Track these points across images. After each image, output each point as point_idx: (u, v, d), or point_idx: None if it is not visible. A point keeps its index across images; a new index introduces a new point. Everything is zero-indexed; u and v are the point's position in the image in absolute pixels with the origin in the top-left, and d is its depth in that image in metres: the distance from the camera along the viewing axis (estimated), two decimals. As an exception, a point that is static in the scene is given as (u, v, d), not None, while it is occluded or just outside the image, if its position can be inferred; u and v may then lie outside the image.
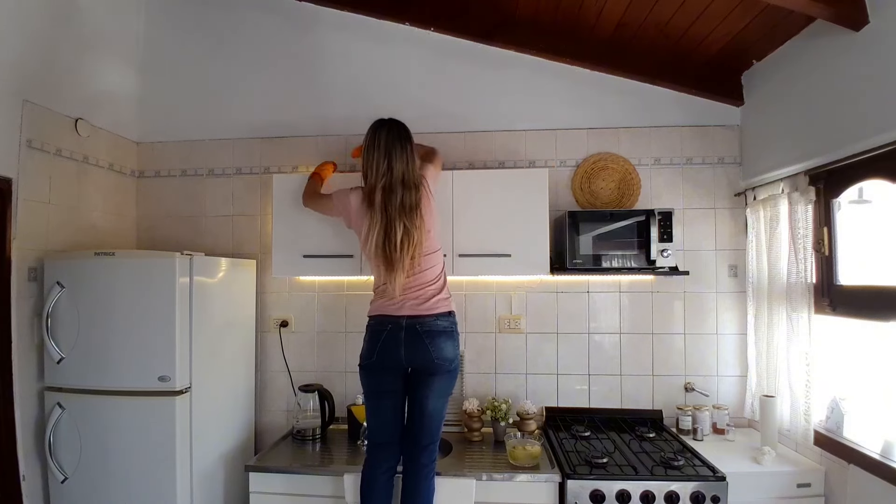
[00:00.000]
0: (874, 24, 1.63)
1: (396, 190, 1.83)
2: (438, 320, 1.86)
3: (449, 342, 1.86)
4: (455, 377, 1.92)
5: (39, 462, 2.01)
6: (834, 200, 1.96)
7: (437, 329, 1.85)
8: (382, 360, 1.85)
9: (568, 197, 2.50)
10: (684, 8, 2.03)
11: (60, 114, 2.19)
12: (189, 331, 1.98)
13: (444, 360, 1.84)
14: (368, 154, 1.90)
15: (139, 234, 2.68)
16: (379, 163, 1.86)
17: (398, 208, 1.81)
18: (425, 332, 1.83)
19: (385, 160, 1.86)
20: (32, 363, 2.01)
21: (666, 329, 2.45)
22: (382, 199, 1.83)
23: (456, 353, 1.89)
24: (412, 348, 1.83)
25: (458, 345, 1.91)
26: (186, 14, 2.70)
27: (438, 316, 1.86)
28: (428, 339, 1.83)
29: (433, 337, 1.83)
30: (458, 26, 2.49)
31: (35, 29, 2.07)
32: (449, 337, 1.87)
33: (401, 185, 1.84)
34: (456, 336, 1.91)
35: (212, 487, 2.12)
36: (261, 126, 2.64)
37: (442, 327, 1.86)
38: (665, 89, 2.47)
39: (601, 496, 1.81)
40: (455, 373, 1.91)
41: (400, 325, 1.83)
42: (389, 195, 1.83)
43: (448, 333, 1.87)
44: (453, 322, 1.91)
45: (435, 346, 1.83)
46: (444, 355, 1.84)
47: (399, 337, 1.83)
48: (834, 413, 1.91)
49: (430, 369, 1.84)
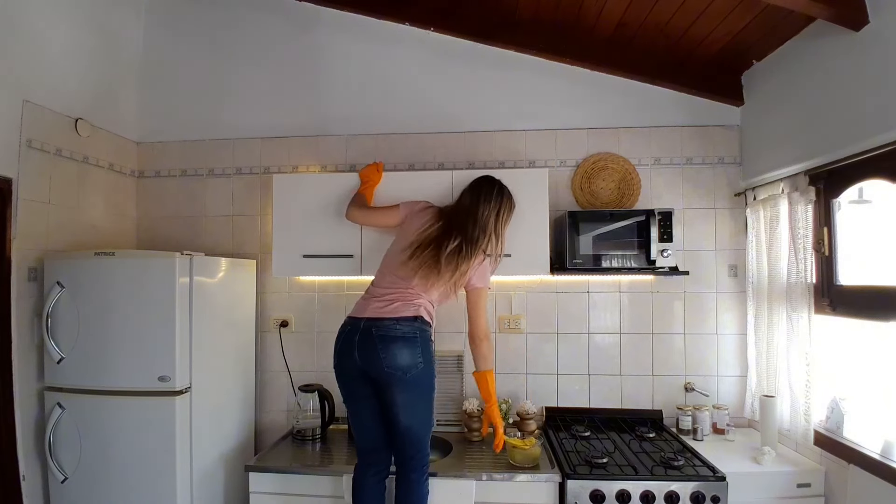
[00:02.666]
0: (874, 24, 1.63)
1: (478, 234, 1.84)
2: (398, 324, 1.73)
3: (406, 349, 1.71)
4: (421, 388, 1.76)
5: (39, 462, 2.01)
6: (834, 200, 1.96)
7: (393, 334, 1.71)
8: (341, 365, 1.79)
9: (568, 197, 2.50)
10: (684, 8, 2.03)
11: (60, 114, 2.19)
12: (189, 331, 1.98)
13: (395, 369, 1.69)
14: (478, 199, 1.90)
15: (139, 234, 2.68)
16: (480, 211, 1.88)
17: (470, 237, 1.82)
18: (379, 336, 1.71)
19: (484, 216, 1.88)
20: (32, 363, 2.01)
21: (666, 329, 2.45)
22: (460, 222, 1.85)
23: (416, 362, 1.72)
24: (364, 353, 1.72)
25: (420, 353, 1.73)
26: (187, 14, 2.70)
27: (399, 320, 1.74)
28: (381, 345, 1.70)
29: (387, 342, 1.70)
30: (458, 26, 2.49)
31: (35, 29, 2.07)
32: (407, 343, 1.71)
33: (482, 233, 1.85)
34: (418, 343, 1.73)
35: (212, 487, 2.12)
36: (261, 126, 2.64)
37: (400, 332, 1.72)
38: (665, 89, 2.47)
39: (601, 496, 1.81)
40: (418, 383, 1.74)
41: (357, 327, 1.75)
42: (467, 226, 1.84)
43: (407, 339, 1.72)
44: (419, 329, 1.75)
45: (386, 353, 1.69)
46: (396, 363, 1.69)
47: (353, 340, 1.74)
48: (834, 413, 1.91)
49: (383, 379, 1.71)
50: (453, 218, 1.88)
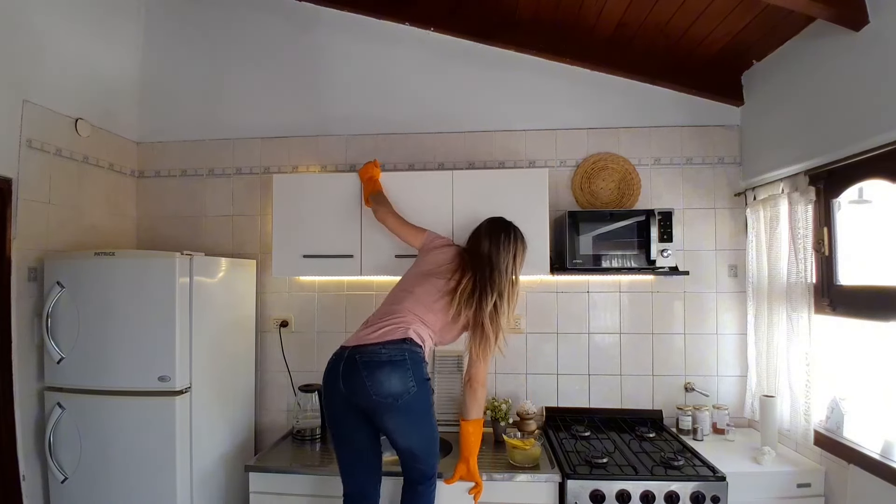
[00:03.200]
0: (874, 24, 1.63)
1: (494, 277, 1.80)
2: (383, 348, 1.62)
3: (394, 374, 1.59)
4: (416, 413, 1.64)
5: (39, 462, 2.01)
6: (834, 200, 1.96)
7: (378, 359, 1.60)
8: (327, 398, 1.70)
9: (568, 197, 2.50)
10: (684, 8, 2.03)
11: (60, 114, 2.19)
12: (189, 331, 1.98)
13: (383, 396, 1.58)
14: (498, 247, 1.85)
15: (139, 234, 2.68)
16: (500, 260, 1.83)
17: (491, 282, 1.78)
18: (363, 362, 1.61)
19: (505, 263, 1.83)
20: (32, 363, 2.02)
21: (666, 329, 2.45)
22: (482, 270, 1.80)
23: (407, 387, 1.60)
24: (349, 381, 1.62)
25: (412, 376, 1.61)
26: (187, 14, 2.70)
27: (385, 344, 1.63)
28: (365, 371, 1.59)
29: (372, 368, 1.59)
30: (458, 26, 2.49)
31: (35, 29, 2.07)
32: (395, 368, 1.60)
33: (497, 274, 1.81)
34: (408, 365, 1.61)
35: (212, 487, 2.12)
36: (261, 126, 2.64)
37: (386, 356, 1.60)
38: (665, 89, 2.47)
39: (601, 496, 1.81)
40: (411, 409, 1.62)
41: (341, 357, 1.66)
42: (485, 269, 1.80)
43: (394, 364, 1.60)
44: (407, 350, 1.63)
45: (372, 380, 1.58)
46: (384, 390, 1.58)
47: (338, 369, 1.65)
48: (834, 413, 1.91)
49: (371, 407, 1.61)
50: (474, 266, 1.82)
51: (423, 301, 1.77)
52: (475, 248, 1.88)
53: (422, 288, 1.80)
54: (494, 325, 1.77)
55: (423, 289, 1.80)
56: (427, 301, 1.77)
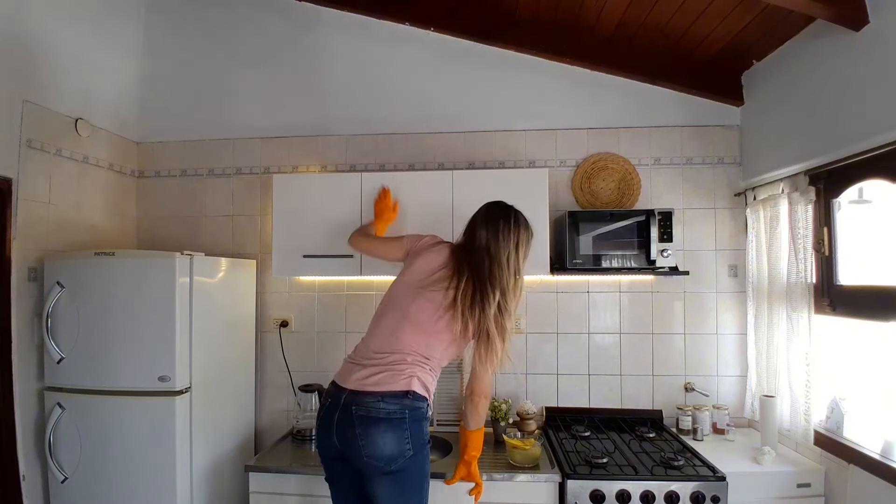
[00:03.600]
0: (874, 24, 1.63)
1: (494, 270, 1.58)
2: (382, 401, 1.44)
3: (389, 433, 1.42)
4: (409, 481, 1.47)
5: (39, 462, 2.01)
6: (834, 200, 1.96)
7: (375, 415, 1.43)
8: (321, 444, 1.56)
9: (568, 197, 2.50)
10: (684, 8, 2.03)
11: (60, 114, 2.19)
12: (189, 331, 1.98)
13: (376, 459, 1.42)
14: (497, 238, 1.62)
15: (139, 234, 2.68)
16: (502, 254, 1.60)
17: (494, 284, 1.56)
18: (359, 416, 1.44)
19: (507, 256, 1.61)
20: (32, 363, 2.01)
21: (666, 329, 2.45)
22: (478, 268, 1.57)
23: (402, 450, 1.42)
24: (342, 436, 1.47)
25: (409, 438, 1.44)
26: (186, 14, 2.70)
27: (384, 396, 1.44)
28: (360, 428, 1.43)
29: (367, 425, 1.43)
30: (458, 26, 2.49)
31: (35, 29, 2.07)
32: (392, 427, 1.43)
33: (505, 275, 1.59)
34: (406, 425, 1.44)
35: (212, 487, 2.12)
36: (261, 126, 2.64)
37: (384, 412, 1.43)
38: (665, 89, 2.47)
39: (601, 496, 1.81)
40: (405, 477, 1.46)
41: (338, 403, 1.50)
42: (482, 264, 1.58)
43: (392, 422, 1.43)
44: (409, 406, 1.46)
45: (366, 439, 1.42)
46: (378, 452, 1.42)
47: (333, 419, 1.49)
48: (834, 413, 1.91)
49: (362, 468, 1.47)
50: (471, 264, 1.60)
51: (423, 325, 1.57)
52: (470, 240, 1.65)
53: (416, 306, 1.58)
54: (500, 329, 1.56)
55: (418, 307, 1.58)
56: (426, 324, 1.57)
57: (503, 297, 1.57)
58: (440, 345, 1.59)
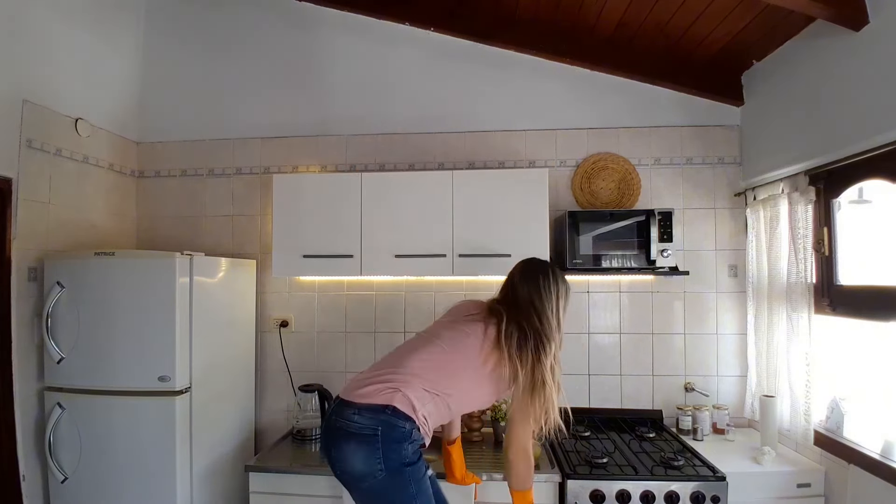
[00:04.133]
0: (874, 24, 1.63)
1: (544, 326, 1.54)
2: (358, 415, 1.36)
3: (360, 450, 1.35)
4: (384, 497, 1.38)
5: (39, 462, 2.01)
6: (834, 200, 1.96)
7: (347, 429, 1.37)
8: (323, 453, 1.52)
9: (568, 197, 2.50)
10: (684, 8, 2.03)
11: (60, 114, 2.19)
12: (189, 331, 1.98)
13: (347, 475, 1.38)
14: (538, 290, 1.59)
15: (139, 234, 2.68)
16: (541, 297, 1.57)
17: (539, 326, 1.53)
18: (337, 428, 1.40)
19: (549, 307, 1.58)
20: (32, 363, 2.01)
21: (666, 329, 2.45)
22: (523, 314, 1.55)
23: (372, 469, 1.34)
24: (325, 446, 1.45)
25: (381, 457, 1.34)
26: (187, 14, 2.70)
27: (361, 409, 1.37)
28: (335, 440, 1.39)
29: (339, 438, 1.38)
30: (458, 26, 2.49)
31: (35, 29, 2.07)
32: (363, 443, 1.35)
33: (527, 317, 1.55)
34: (377, 444, 1.34)
35: (212, 487, 2.12)
36: (261, 126, 2.64)
37: (356, 427, 1.36)
38: (665, 89, 2.47)
39: (601, 496, 1.81)
40: (378, 496, 1.38)
41: (330, 413, 1.47)
42: (530, 316, 1.55)
43: (364, 437, 1.35)
44: (385, 423, 1.36)
45: (339, 452, 1.38)
46: (347, 468, 1.37)
47: (323, 426, 1.49)
48: (834, 413, 1.91)
49: (341, 480, 1.43)
50: (516, 311, 1.56)
51: (450, 342, 1.51)
52: (512, 295, 1.61)
53: (451, 335, 1.54)
54: (555, 377, 1.51)
55: (454, 337, 1.54)
56: (466, 357, 1.49)
57: (557, 349, 1.54)
58: (470, 384, 1.52)
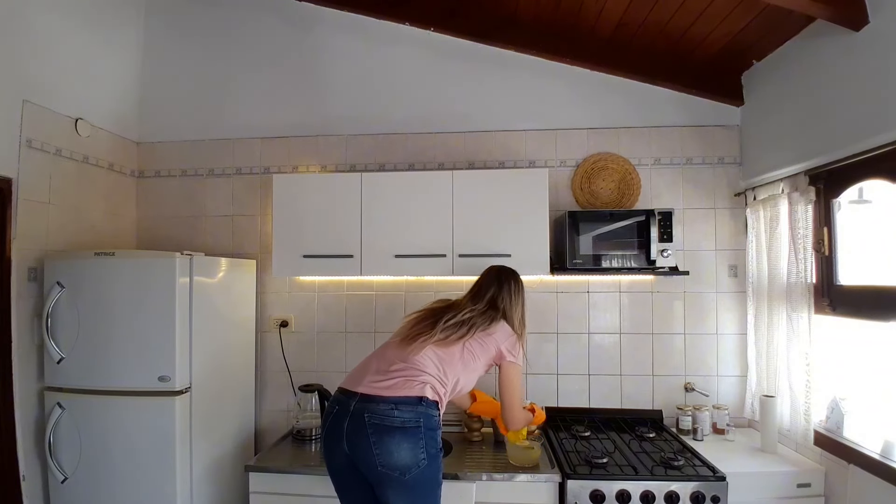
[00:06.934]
0: (874, 24, 1.63)
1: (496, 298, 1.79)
2: (396, 409, 1.41)
3: (405, 444, 1.40)
4: (423, 491, 1.44)
5: (39, 462, 2.01)
6: (834, 200, 1.96)
7: (389, 423, 1.40)
8: (329, 453, 1.53)
9: (568, 197, 2.50)
10: (684, 8, 2.03)
11: (60, 114, 2.19)
12: (189, 331, 1.98)
13: (391, 469, 1.39)
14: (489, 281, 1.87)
15: (139, 234, 2.68)
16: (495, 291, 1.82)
17: (488, 299, 1.77)
18: (372, 424, 1.41)
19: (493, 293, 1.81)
20: (32, 363, 2.01)
21: (666, 329, 2.45)
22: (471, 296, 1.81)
23: (417, 460, 1.40)
24: (353, 444, 1.43)
25: (424, 447, 1.41)
26: (186, 14, 2.70)
27: (398, 402, 1.42)
28: (374, 437, 1.40)
29: (381, 433, 1.40)
30: (458, 26, 2.49)
31: (35, 29, 2.07)
32: (407, 436, 1.40)
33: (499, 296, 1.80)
34: (421, 434, 1.42)
35: (212, 487, 2.12)
36: (261, 126, 2.64)
37: (399, 420, 1.40)
38: (665, 89, 2.47)
39: (601, 496, 1.81)
40: (419, 485, 1.43)
41: (347, 410, 1.47)
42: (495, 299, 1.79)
43: (406, 431, 1.40)
44: (423, 414, 1.44)
45: (381, 447, 1.39)
46: (393, 461, 1.39)
47: (342, 427, 1.45)
48: (834, 413, 1.91)
49: (374, 478, 1.43)
50: (487, 303, 1.79)
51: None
52: (477, 296, 1.84)
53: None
54: (519, 326, 1.79)
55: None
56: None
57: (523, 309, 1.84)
58: (456, 349, 1.66)
